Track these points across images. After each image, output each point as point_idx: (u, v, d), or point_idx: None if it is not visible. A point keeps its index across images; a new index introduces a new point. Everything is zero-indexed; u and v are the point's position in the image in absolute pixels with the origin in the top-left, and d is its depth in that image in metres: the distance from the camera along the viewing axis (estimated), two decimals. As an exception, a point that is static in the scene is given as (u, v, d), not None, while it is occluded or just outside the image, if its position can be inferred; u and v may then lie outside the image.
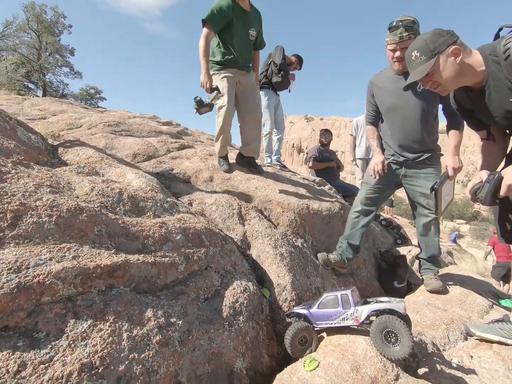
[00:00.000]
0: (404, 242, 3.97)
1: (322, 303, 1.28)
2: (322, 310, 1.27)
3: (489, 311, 2.02)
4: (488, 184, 1.24)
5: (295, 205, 2.36)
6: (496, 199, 1.24)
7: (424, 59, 1.28)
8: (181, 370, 0.94)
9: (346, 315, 1.21)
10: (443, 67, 1.27)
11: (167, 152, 3.06)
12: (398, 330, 1.07)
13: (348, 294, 1.23)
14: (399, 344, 1.07)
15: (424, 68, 1.28)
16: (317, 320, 1.28)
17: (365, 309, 1.17)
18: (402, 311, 1.13)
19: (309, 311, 1.29)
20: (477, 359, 1.40)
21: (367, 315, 1.16)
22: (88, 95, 21.32)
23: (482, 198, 1.26)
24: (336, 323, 1.24)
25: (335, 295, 1.25)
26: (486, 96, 1.29)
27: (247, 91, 2.67)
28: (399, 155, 2.17)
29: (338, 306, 1.23)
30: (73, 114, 3.73)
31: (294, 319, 1.35)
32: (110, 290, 0.97)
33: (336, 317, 1.23)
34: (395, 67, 2.06)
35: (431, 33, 1.30)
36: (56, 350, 0.75)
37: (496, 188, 1.21)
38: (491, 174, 1.26)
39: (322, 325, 1.27)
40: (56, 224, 1.01)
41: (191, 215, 1.66)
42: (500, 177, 1.21)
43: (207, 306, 1.21)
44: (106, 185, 1.45)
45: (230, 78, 2.54)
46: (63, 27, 20.57)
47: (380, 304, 1.17)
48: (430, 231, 2.18)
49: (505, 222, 1.48)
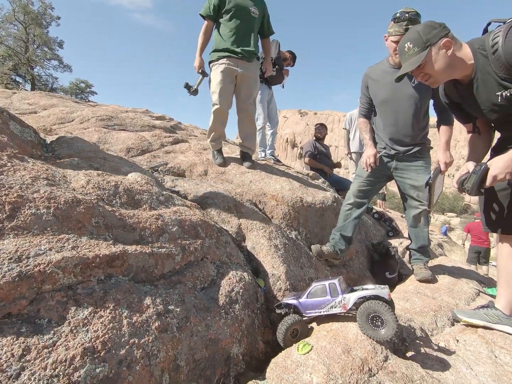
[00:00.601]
0: (395, 235, 4.06)
1: (311, 293, 1.31)
2: (311, 299, 1.30)
3: (475, 298, 2.10)
4: (474, 175, 1.28)
5: (289, 198, 2.40)
6: (482, 189, 1.29)
7: (417, 51, 1.30)
8: (179, 354, 0.97)
9: (334, 303, 1.25)
10: (434, 59, 1.28)
11: (161, 146, 3.05)
12: (383, 313, 1.13)
13: (335, 283, 1.27)
14: (385, 326, 1.13)
15: (416, 59, 1.29)
16: (307, 310, 1.31)
17: (352, 296, 1.22)
18: (387, 296, 1.18)
19: (299, 301, 1.32)
20: (462, 342, 1.47)
21: (354, 302, 1.21)
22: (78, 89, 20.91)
23: (468, 189, 1.31)
24: (325, 311, 1.28)
25: (323, 284, 1.29)
26: (474, 89, 1.32)
27: (245, 86, 2.62)
28: (390, 148, 2.21)
29: (326, 295, 1.27)
30: (64, 108, 3.69)
31: (284, 310, 1.38)
32: (109, 279, 0.99)
33: (325, 305, 1.27)
34: (396, 59, 2.03)
35: (424, 25, 1.31)
36: (58, 336, 0.77)
37: (482, 178, 1.26)
38: (478, 165, 1.31)
39: (312, 314, 1.31)
40: (54, 215, 1.03)
41: (187, 208, 1.68)
42: (486, 168, 1.26)
43: (203, 295, 1.25)
44: (102, 178, 1.46)
45: (227, 72, 2.49)
46: (51, 18, 20.03)
47: (366, 291, 1.22)
48: (420, 222, 2.24)
49: (490, 212, 1.54)
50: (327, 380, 0.98)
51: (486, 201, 1.55)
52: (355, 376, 1.00)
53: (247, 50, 2.51)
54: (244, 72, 2.54)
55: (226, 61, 2.48)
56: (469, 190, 1.30)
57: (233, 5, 2.43)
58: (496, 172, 1.23)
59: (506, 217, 1.46)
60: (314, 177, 3.70)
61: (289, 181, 2.72)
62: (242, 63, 2.52)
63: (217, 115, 2.59)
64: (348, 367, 1.03)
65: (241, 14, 2.45)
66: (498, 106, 1.28)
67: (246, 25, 2.49)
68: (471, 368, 1.24)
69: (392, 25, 1.96)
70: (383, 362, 1.09)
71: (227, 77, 2.50)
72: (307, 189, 2.71)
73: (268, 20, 2.67)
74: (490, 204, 1.53)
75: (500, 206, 1.48)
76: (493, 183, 1.25)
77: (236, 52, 2.47)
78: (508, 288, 1.49)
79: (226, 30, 2.47)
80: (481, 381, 1.17)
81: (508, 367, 1.26)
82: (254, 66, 2.65)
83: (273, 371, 1.09)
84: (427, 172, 2.13)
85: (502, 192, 1.46)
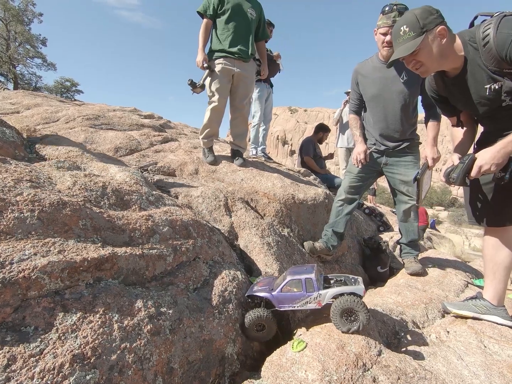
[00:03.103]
0: (386, 229, 4.12)
1: (286, 287, 1.26)
2: (285, 293, 1.26)
3: (464, 290, 2.14)
4: (461, 165, 1.30)
5: (281, 195, 2.40)
6: (467, 179, 1.31)
7: (413, 36, 1.24)
8: (173, 357, 0.96)
9: (310, 299, 1.23)
10: (429, 47, 1.24)
11: (150, 145, 3.01)
12: (355, 307, 1.15)
13: (312, 279, 1.23)
14: (356, 320, 1.16)
15: (412, 45, 1.24)
16: (280, 303, 1.27)
17: (328, 293, 1.21)
18: (362, 293, 1.21)
19: (272, 294, 1.27)
20: (453, 333, 1.50)
21: (330, 299, 1.22)
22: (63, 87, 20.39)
23: (454, 178, 1.32)
24: (299, 306, 1.25)
25: (299, 279, 1.25)
26: (462, 82, 1.31)
27: (242, 85, 2.63)
28: (380, 143, 2.23)
29: (301, 289, 1.24)
30: (48, 108, 3.58)
31: (255, 301, 1.33)
32: (99, 283, 0.96)
33: (300, 300, 1.24)
34: (384, 52, 2.04)
35: (422, 9, 1.26)
36: (46, 343, 0.75)
37: (468, 168, 1.28)
38: (466, 156, 1.32)
39: (285, 308, 1.27)
40: (39, 219, 0.99)
41: (178, 208, 1.66)
42: (473, 158, 1.27)
43: (196, 296, 1.23)
44: (89, 179, 1.42)
45: (224, 72, 2.50)
46: (33, 15, 19.41)
47: (342, 288, 1.22)
48: (410, 217, 2.28)
49: (475, 205, 1.56)
50: (322, 377, 0.98)
51: (471, 194, 1.58)
52: (349, 371, 1.01)
53: (243, 51, 2.53)
54: (241, 71, 2.56)
55: (223, 61, 2.50)
56: (455, 180, 1.31)
57: (231, 5, 2.43)
58: (482, 162, 1.24)
59: (490, 210, 1.49)
60: (305, 174, 3.72)
61: (281, 178, 2.72)
62: (239, 63, 2.55)
63: (214, 112, 2.59)
64: (343, 362, 1.03)
65: (238, 15, 2.48)
66: (486, 99, 1.28)
67: (244, 26, 2.51)
68: (461, 359, 1.27)
69: (381, 17, 1.97)
70: (377, 357, 1.10)
71: (225, 76, 2.51)
72: (298, 186, 2.71)
73: (264, 23, 2.71)
74: (475, 197, 1.55)
75: (485, 199, 1.51)
76: (478, 174, 1.26)
77: (233, 53, 2.49)
78: (494, 279, 1.52)
79: (223, 30, 2.49)
80: (471, 371, 1.19)
81: (497, 356, 1.29)
82: (251, 66, 2.67)
83: (268, 369, 1.08)
84: (416, 167, 2.16)
85: (486, 185, 1.48)
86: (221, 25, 2.47)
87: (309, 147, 4.52)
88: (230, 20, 2.44)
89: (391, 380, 1.00)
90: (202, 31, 2.51)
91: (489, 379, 1.14)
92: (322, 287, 1.26)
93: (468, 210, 1.62)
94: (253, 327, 1.26)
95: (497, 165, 1.23)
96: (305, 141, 4.68)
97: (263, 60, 2.84)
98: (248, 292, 1.36)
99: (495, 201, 1.46)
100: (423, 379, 1.04)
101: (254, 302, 1.35)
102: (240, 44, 2.49)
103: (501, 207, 1.45)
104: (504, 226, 1.47)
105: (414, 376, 1.04)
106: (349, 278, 1.33)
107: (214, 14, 2.47)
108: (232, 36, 2.46)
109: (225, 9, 2.43)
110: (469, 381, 1.14)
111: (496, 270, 1.50)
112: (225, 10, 2.43)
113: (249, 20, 2.51)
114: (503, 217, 1.46)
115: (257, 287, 1.37)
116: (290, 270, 1.36)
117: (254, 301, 1.35)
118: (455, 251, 7.64)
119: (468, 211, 1.62)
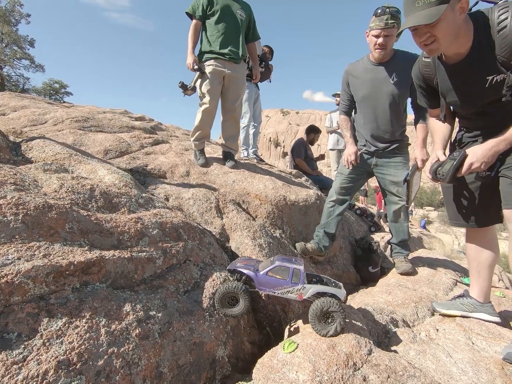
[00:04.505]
0: (377, 230, 4.16)
1: (272, 271, 1.24)
2: (270, 277, 1.24)
3: (453, 288, 2.18)
4: (452, 161, 1.25)
5: (273, 197, 2.40)
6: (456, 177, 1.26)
7: (435, 1, 1.04)
8: (162, 361, 0.94)
9: (292, 289, 1.22)
10: (449, 20, 1.06)
11: (141, 147, 2.98)
12: (334, 310, 1.16)
13: (301, 271, 1.23)
14: (333, 322, 1.17)
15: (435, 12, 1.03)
16: (261, 286, 1.24)
17: (312, 288, 1.22)
18: (343, 298, 1.22)
19: (256, 274, 1.25)
20: (442, 331, 1.52)
21: (311, 295, 1.22)
22: (52, 89, 20.02)
23: (444, 174, 1.26)
24: (279, 294, 1.23)
25: (288, 267, 1.24)
26: (462, 70, 1.20)
27: (233, 87, 2.62)
28: (370, 144, 2.25)
29: (287, 278, 1.23)
30: (36, 110, 3.52)
31: (236, 275, 1.29)
32: (85, 287, 0.94)
33: (282, 288, 1.23)
34: (375, 54, 2.05)
35: None
36: (29, 350, 0.73)
37: (460, 165, 1.23)
38: (456, 152, 1.27)
39: (265, 291, 1.25)
40: (23, 222, 0.97)
41: (168, 210, 1.64)
42: (465, 155, 1.22)
43: (187, 298, 1.22)
44: (77, 181, 1.40)
45: (215, 73, 2.48)
46: (20, 16, 19.03)
47: (326, 287, 1.23)
48: (400, 217, 2.30)
49: (461, 202, 1.54)
50: (313, 377, 0.98)
51: (456, 193, 1.54)
52: (340, 371, 1.01)
53: (234, 52, 2.52)
54: (232, 73, 2.55)
55: (214, 62, 2.49)
56: (444, 177, 1.26)
57: (220, 6, 2.42)
58: (473, 160, 1.19)
59: (479, 210, 1.48)
60: (297, 175, 3.73)
61: (272, 180, 2.72)
62: (230, 65, 2.53)
63: (205, 114, 2.58)
64: (334, 362, 1.04)
65: (228, 16, 2.46)
66: (485, 91, 1.19)
67: (233, 28, 2.50)
68: (450, 356, 1.28)
69: (373, 20, 1.98)
70: (367, 356, 1.10)
71: (215, 78, 2.50)
72: (290, 187, 2.72)
73: (255, 24, 2.69)
74: (461, 196, 1.52)
75: (471, 198, 1.48)
76: (468, 171, 1.23)
77: (224, 54, 2.48)
78: (479, 277, 1.55)
79: (213, 32, 2.47)
80: (459, 367, 1.21)
81: (484, 352, 1.31)
82: (242, 67, 2.65)
83: (259, 371, 1.08)
84: (406, 168, 2.19)
85: (473, 184, 1.45)
86: (210, 27, 2.46)
87: (300, 149, 4.55)
88: (220, 21, 2.43)
89: (381, 378, 1.01)
90: (191, 32, 2.49)
91: (477, 375, 1.16)
92: (307, 282, 1.27)
93: (452, 209, 1.58)
94: (226, 298, 1.23)
95: (487, 163, 1.19)
96: (296, 143, 4.70)
97: (255, 62, 2.84)
98: (230, 266, 1.33)
99: (482, 200, 1.45)
100: (412, 377, 1.05)
101: (234, 278, 1.31)
102: (230, 46, 2.48)
103: (487, 206, 1.44)
104: (488, 225, 1.49)
105: (403, 374, 1.05)
106: (330, 281, 1.34)
107: (203, 15, 2.45)
108: (222, 37, 2.45)
109: (214, 10, 2.42)
110: (457, 377, 1.15)
111: (481, 269, 1.53)
112: (214, 11, 2.42)
113: (238, 21, 2.50)
114: (489, 216, 1.47)
115: (240, 263, 1.34)
116: (279, 257, 1.34)
117: (233, 276, 1.32)
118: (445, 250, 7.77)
119: (452, 211, 1.58)
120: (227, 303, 1.24)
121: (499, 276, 5.23)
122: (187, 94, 2.52)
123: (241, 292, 1.23)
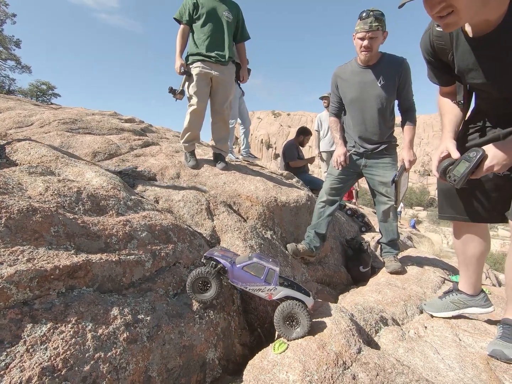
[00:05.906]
0: (368, 230, 4.21)
1: (248, 266, 1.25)
2: (244, 272, 1.24)
3: (441, 286, 2.22)
4: (467, 163, 1.05)
5: (264, 198, 2.41)
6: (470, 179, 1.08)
7: None
8: (151, 365, 0.93)
9: (264, 288, 1.24)
10: None
11: (130, 149, 2.94)
12: (299, 314, 1.18)
13: (276, 272, 1.25)
14: (298, 325, 1.19)
15: None
16: (234, 278, 1.25)
17: (282, 291, 1.24)
18: (309, 307, 1.24)
19: (232, 266, 1.25)
20: (430, 329, 1.54)
21: (281, 297, 1.24)
22: (39, 91, 19.60)
23: (456, 179, 1.07)
24: (250, 290, 1.25)
25: (264, 266, 1.25)
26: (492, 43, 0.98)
27: (221, 89, 2.62)
28: (359, 146, 2.29)
29: (261, 276, 1.24)
30: (22, 111, 3.44)
31: (212, 263, 1.28)
32: (71, 292, 0.93)
33: (254, 285, 1.24)
34: (362, 56, 2.09)
35: None
36: (12, 357, 0.71)
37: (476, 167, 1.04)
38: (472, 151, 1.07)
39: (237, 284, 1.26)
40: (6, 226, 0.95)
41: (157, 212, 1.63)
42: (484, 156, 1.03)
43: (176, 301, 1.21)
44: (63, 184, 1.37)
45: (202, 75, 2.49)
46: (6, 15, 18.61)
47: (295, 293, 1.25)
48: (389, 217, 2.34)
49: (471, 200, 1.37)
50: (303, 377, 0.99)
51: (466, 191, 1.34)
52: (330, 370, 1.01)
53: (221, 54, 2.52)
54: (219, 75, 2.55)
55: (200, 64, 2.50)
56: (456, 182, 1.07)
57: (206, 10, 2.43)
58: (493, 162, 1.02)
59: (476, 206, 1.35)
60: (288, 176, 3.75)
61: (264, 181, 2.73)
62: (217, 67, 2.53)
63: (193, 116, 2.58)
64: (323, 362, 1.04)
65: (214, 18, 2.46)
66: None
67: (220, 30, 2.50)
68: (438, 353, 1.31)
69: (358, 23, 2.03)
70: (357, 354, 1.11)
71: (202, 79, 2.51)
72: (281, 188, 2.73)
73: (243, 24, 2.68)
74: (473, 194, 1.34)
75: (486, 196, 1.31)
76: (483, 174, 1.06)
77: (210, 57, 2.48)
78: (467, 270, 1.53)
79: (199, 35, 2.48)
80: (446, 363, 1.23)
81: (471, 348, 1.34)
82: (230, 69, 2.65)
83: (250, 372, 1.07)
84: (394, 168, 2.23)
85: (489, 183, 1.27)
86: (197, 30, 2.47)
87: (292, 151, 4.58)
88: (206, 24, 2.44)
89: (370, 376, 1.02)
90: (179, 37, 2.50)
91: (463, 371, 1.18)
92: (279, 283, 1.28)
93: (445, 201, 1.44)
94: (199, 282, 1.23)
95: (507, 165, 1.03)
96: (287, 146, 4.72)
97: (243, 63, 2.84)
98: (208, 253, 1.31)
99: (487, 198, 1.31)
100: (400, 374, 1.06)
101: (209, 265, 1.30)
102: (217, 48, 2.49)
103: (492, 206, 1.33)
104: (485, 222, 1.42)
105: (392, 372, 1.06)
106: (300, 288, 1.34)
107: (190, 20, 2.47)
108: (208, 40, 2.46)
109: (200, 14, 2.43)
110: (444, 373, 1.18)
111: (469, 263, 1.51)
112: (200, 15, 2.43)
113: (225, 23, 2.51)
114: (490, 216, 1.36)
115: (217, 252, 1.33)
116: (257, 254, 1.34)
117: (209, 263, 1.30)
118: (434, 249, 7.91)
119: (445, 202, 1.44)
120: (199, 289, 1.24)
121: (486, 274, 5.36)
122: (178, 98, 2.55)
123: (213, 277, 1.23)
